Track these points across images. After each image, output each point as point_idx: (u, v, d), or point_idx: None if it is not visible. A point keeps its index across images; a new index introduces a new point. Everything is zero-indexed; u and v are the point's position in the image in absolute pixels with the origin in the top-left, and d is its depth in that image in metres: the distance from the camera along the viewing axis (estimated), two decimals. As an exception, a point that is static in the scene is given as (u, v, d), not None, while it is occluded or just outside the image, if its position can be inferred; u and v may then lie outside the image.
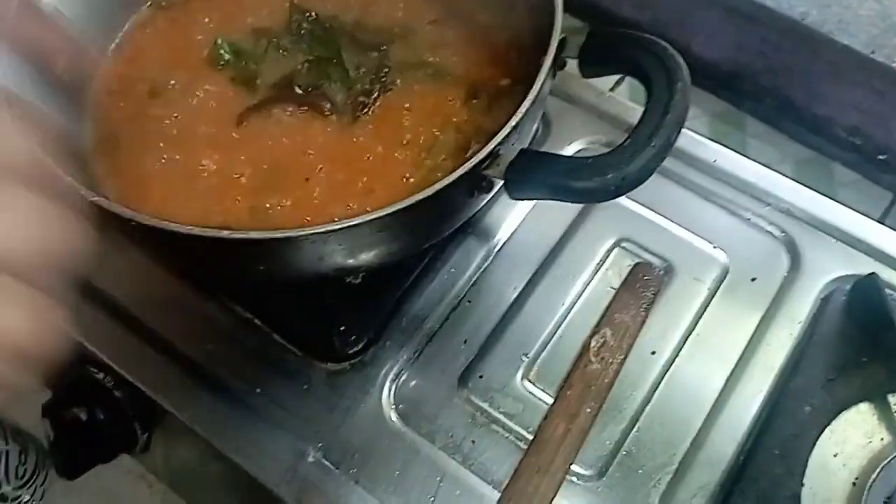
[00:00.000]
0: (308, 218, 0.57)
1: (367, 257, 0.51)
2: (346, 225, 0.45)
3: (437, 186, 0.47)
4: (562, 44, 0.53)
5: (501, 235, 0.64)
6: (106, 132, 0.61)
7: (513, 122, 0.49)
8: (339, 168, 0.58)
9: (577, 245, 0.63)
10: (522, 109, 0.50)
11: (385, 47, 0.64)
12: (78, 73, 0.61)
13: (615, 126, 0.70)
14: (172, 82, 0.63)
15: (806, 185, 0.67)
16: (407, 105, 0.61)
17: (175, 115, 0.61)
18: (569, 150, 0.69)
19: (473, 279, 0.62)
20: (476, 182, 0.49)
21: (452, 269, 0.62)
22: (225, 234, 0.45)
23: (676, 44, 0.84)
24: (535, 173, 0.46)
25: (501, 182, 0.49)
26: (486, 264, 0.63)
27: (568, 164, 0.46)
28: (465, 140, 0.60)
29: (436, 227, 0.54)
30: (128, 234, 0.50)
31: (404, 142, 0.60)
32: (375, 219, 0.46)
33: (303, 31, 0.64)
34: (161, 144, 0.60)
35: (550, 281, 0.62)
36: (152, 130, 0.60)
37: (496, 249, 0.64)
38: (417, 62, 0.64)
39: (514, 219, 0.65)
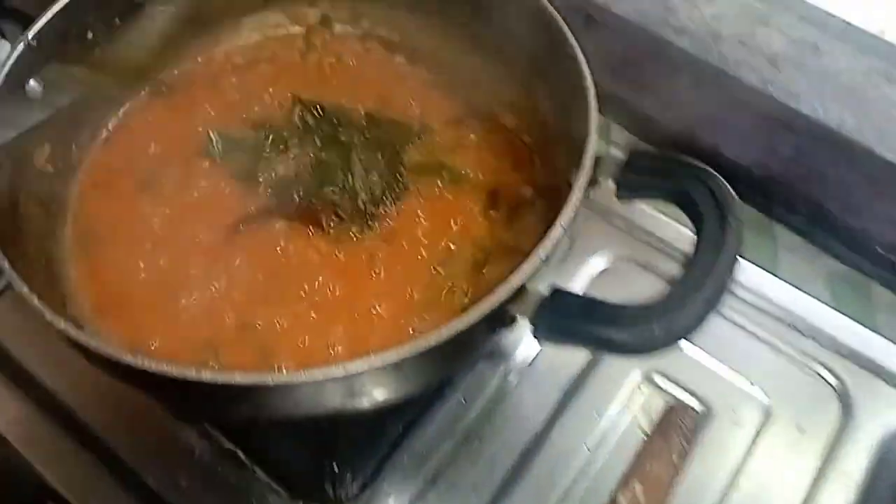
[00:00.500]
0: (304, 340, 0.51)
1: (367, 401, 0.44)
2: (345, 374, 0.39)
3: (453, 329, 0.41)
4: (596, 162, 0.48)
5: (518, 360, 0.58)
6: (86, 230, 0.55)
7: (541, 254, 0.43)
8: (341, 282, 0.52)
9: (602, 375, 0.57)
10: (551, 241, 0.44)
11: (398, 147, 0.59)
12: (63, 164, 0.56)
13: (642, 239, 0.65)
14: (165, 176, 0.57)
15: (844, 314, 0.61)
16: (419, 213, 0.56)
17: (165, 212, 0.55)
18: (592, 265, 0.63)
19: (486, 411, 0.55)
20: (498, 319, 0.43)
21: (462, 399, 0.56)
22: (206, 376, 0.39)
23: (704, 145, 0.80)
24: (569, 320, 0.40)
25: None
26: (500, 394, 0.56)
27: (609, 312, 0.40)
28: (483, 255, 0.54)
29: (447, 366, 0.48)
30: (96, 361, 0.43)
31: (415, 255, 0.54)
32: (381, 366, 0.40)
33: (309, 127, 0.59)
34: (146, 247, 0.54)
35: (572, 417, 0.55)
36: (138, 230, 0.55)
37: (511, 377, 0.57)
38: (433, 165, 0.58)
39: (531, 341, 0.59)
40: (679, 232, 0.64)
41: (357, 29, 0.66)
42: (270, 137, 0.58)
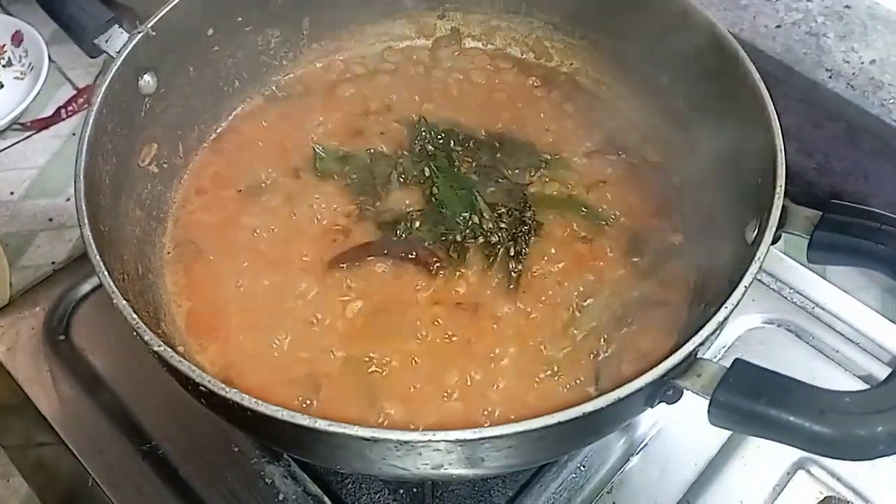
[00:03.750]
0: (415, 386, 0.44)
1: (486, 469, 0.38)
2: (472, 437, 0.33)
3: (604, 401, 0.34)
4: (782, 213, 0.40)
5: (647, 429, 0.50)
6: (187, 239, 0.51)
7: (720, 317, 0.36)
8: (457, 324, 0.47)
9: (746, 458, 0.49)
10: (732, 302, 0.37)
11: (527, 176, 0.53)
12: (168, 165, 0.52)
13: (792, 299, 0.57)
14: (271, 187, 0.52)
15: None
16: (549, 255, 0.49)
17: (268, 226, 0.51)
18: (734, 327, 0.56)
19: (607, 485, 0.48)
20: (658, 392, 0.36)
21: (582, 467, 0.49)
22: (321, 424, 0.33)
23: (849, 197, 0.72)
24: (756, 402, 0.33)
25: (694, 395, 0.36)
26: (625, 466, 0.49)
27: (814, 398, 0.33)
28: (622, 308, 0.48)
29: (586, 439, 0.41)
30: (189, 388, 0.38)
31: (543, 301, 0.48)
32: (514, 433, 0.33)
33: (426, 153, 0.53)
34: (246, 263, 0.49)
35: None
36: (240, 242, 0.50)
37: (640, 447, 0.50)
38: (567, 202, 0.52)
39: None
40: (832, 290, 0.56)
41: (488, 45, 0.61)
42: (382, 161, 0.53)
